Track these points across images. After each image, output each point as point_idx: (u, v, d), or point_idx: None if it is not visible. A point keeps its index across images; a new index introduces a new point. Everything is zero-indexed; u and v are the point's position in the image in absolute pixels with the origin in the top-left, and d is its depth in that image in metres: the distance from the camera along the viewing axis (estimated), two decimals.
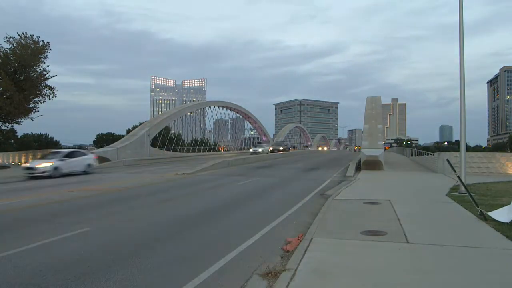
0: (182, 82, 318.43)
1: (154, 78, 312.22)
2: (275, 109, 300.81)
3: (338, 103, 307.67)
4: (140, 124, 55.79)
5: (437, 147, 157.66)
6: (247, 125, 79.89)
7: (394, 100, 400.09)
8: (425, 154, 30.23)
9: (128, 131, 61.80)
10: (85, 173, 22.31)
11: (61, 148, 71.72)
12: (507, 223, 7.30)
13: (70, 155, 22.15)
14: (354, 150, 65.81)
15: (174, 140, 52.26)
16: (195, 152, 55.35)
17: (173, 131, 63.49)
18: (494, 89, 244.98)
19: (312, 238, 6.46)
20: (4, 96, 30.64)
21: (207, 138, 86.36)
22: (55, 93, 34.49)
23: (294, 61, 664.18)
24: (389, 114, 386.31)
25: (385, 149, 43.23)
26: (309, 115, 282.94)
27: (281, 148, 59.42)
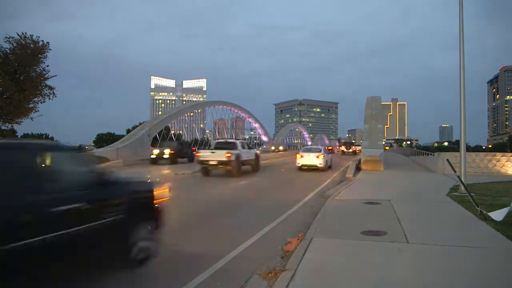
0: (182, 82, 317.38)
1: (154, 78, 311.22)
2: (275, 109, 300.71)
3: (338, 103, 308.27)
4: (140, 124, 55.77)
5: (437, 147, 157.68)
6: (247, 125, 79.91)
7: (394, 100, 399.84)
8: (425, 154, 30.25)
9: (128, 131, 61.74)
10: None
11: None
12: (501, 221, 7.34)
13: None
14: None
15: (174, 140, 52.25)
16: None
17: (173, 131, 63.42)
18: (494, 89, 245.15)
19: (312, 238, 6.45)
20: (4, 96, 30.62)
21: (208, 138, 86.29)
22: (55, 93, 34.50)
23: None
24: (389, 114, 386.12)
25: (385, 149, 43.16)
26: (309, 115, 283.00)
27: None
